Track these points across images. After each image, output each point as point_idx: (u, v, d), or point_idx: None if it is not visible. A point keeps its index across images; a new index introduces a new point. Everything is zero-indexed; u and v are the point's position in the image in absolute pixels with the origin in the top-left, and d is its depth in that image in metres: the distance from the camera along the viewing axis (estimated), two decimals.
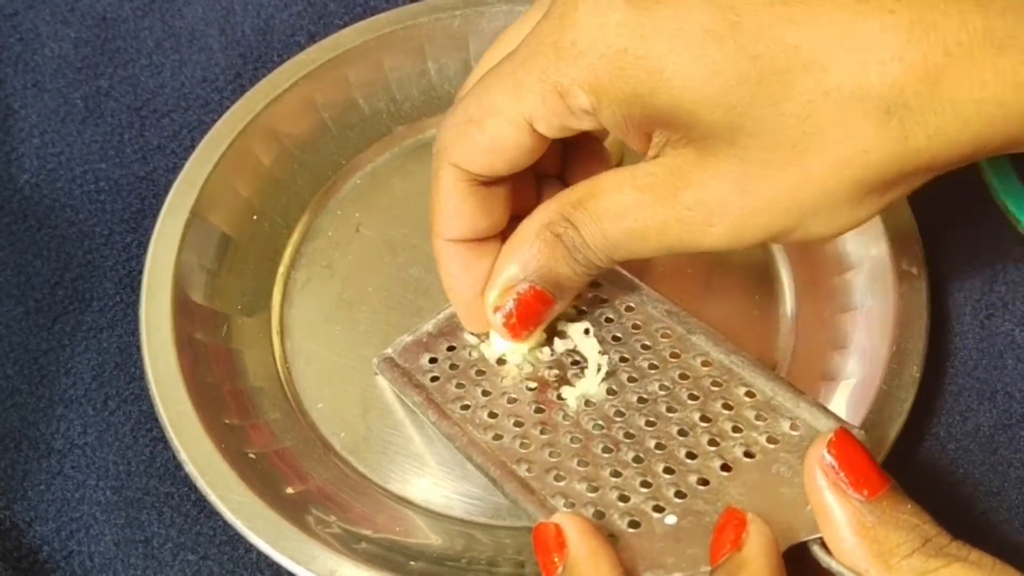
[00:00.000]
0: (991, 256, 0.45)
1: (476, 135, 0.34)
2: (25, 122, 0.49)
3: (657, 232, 0.33)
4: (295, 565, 0.36)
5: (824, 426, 0.34)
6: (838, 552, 0.30)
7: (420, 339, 0.40)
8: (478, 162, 0.34)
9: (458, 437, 0.37)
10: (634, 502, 0.34)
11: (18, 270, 0.45)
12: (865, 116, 0.28)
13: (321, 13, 0.52)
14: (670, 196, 0.32)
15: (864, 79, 0.28)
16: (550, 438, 0.36)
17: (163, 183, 0.46)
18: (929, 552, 0.29)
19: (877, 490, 0.30)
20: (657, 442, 0.35)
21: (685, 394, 0.37)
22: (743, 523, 0.30)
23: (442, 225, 0.36)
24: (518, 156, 0.34)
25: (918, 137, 0.28)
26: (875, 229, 0.43)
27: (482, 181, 0.35)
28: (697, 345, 0.38)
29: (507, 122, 0.33)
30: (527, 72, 0.32)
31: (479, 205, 0.36)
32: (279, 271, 0.45)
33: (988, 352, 0.43)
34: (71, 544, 0.39)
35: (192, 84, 0.50)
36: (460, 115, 0.34)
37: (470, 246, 0.37)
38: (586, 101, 0.31)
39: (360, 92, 0.48)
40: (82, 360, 0.43)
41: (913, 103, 0.28)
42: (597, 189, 0.34)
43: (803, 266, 0.45)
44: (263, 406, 0.41)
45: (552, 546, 0.32)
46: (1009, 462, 0.41)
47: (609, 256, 0.34)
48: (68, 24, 0.52)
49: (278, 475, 0.39)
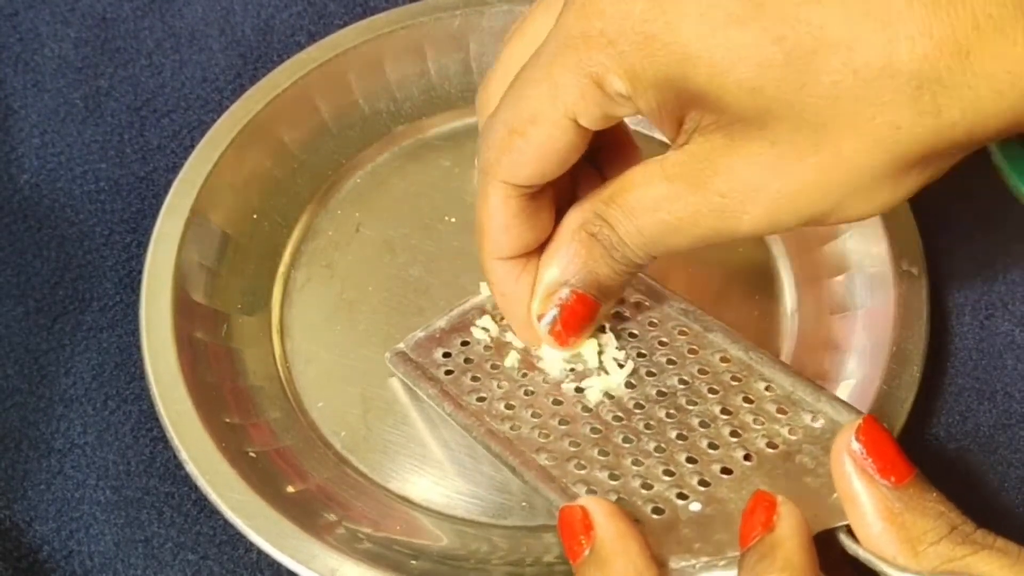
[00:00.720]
0: (991, 256, 0.45)
1: (522, 146, 0.33)
2: (25, 122, 0.49)
3: (691, 223, 0.32)
4: (296, 564, 0.36)
5: (846, 419, 0.34)
6: (865, 538, 0.30)
7: (433, 334, 0.40)
8: (528, 172, 0.33)
9: (475, 427, 0.37)
10: (657, 490, 0.34)
11: (18, 270, 0.45)
12: (896, 93, 0.28)
13: (321, 13, 0.52)
14: (702, 184, 0.31)
15: (893, 56, 0.27)
16: (569, 429, 0.36)
17: (163, 183, 0.46)
18: (956, 539, 0.29)
19: (904, 477, 0.30)
20: (678, 433, 0.35)
21: (705, 388, 0.37)
22: (774, 505, 0.30)
23: (493, 245, 0.36)
24: (568, 156, 0.33)
25: (952, 111, 0.28)
26: (875, 229, 0.43)
27: (530, 193, 0.34)
28: (714, 342, 0.38)
29: (551, 125, 0.32)
30: (562, 68, 0.32)
31: (528, 219, 0.35)
32: (279, 271, 0.45)
33: (988, 352, 0.43)
34: (71, 544, 0.39)
35: (192, 84, 0.50)
36: (500, 129, 0.33)
37: (519, 261, 0.36)
38: (623, 86, 0.31)
39: (360, 92, 0.48)
40: (82, 360, 0.43)
41: (945, 77, 0.27)
42: (628, 184, 0.33)
43: (803, 266, 0.45)
44: (263, 405, 0.41)
45: (579, 528, 0.32)
46: (1009, 462, 0.41)
47: (647, 251, 0.34)
48: (68, 24, 0.52)
49: (279, 474, 0.39)
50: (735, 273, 0.45)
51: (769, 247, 0.45)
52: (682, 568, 0.31)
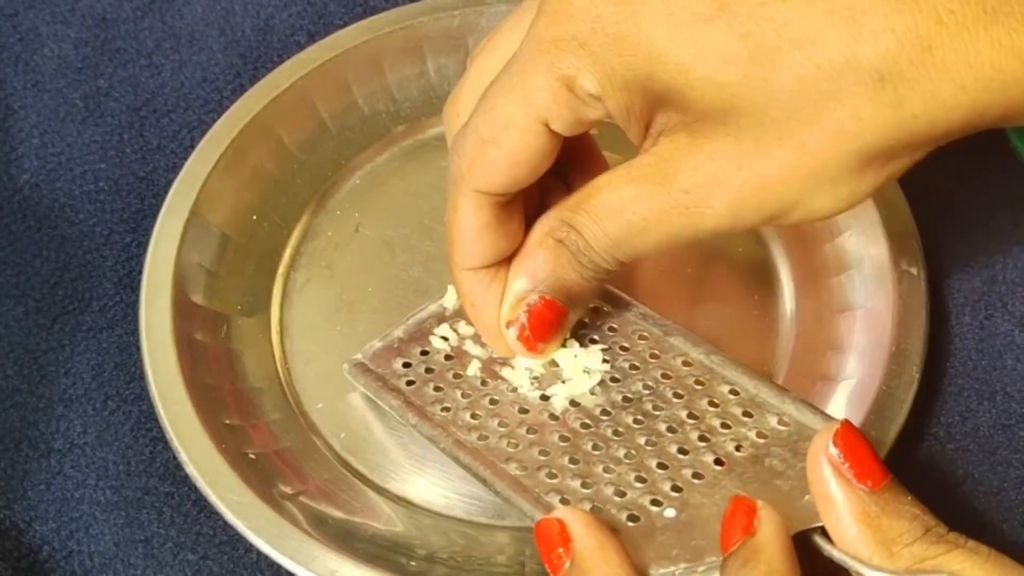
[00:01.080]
0: (991, 256, 0.45)
1: (494, 154, 0.33)
2: (25, 122, 0.49)
3: (656, 221, 0.32)
4: (295, 565, 0.36)
5: (811, 421, 0.35)
6: (841, 540, 0.30)
7: (391, 344, 0.40)
8: (500, 180, 0.34)
9: (442, 438, 0.37)
10: (631, 496, 0.34)
11: (18, 270, 0.45)
12: (859, 85, 0.28)
13: (321, 13, 0.52)
14: (666, 182, 0.32)
15: (856, 50, 0.28)
16: (537, 437, 0.36)
17: (163, 183, 0.46)
18: (930, 540, 0.29)
19: (880, 481, 0.30)
20: (647, 439, 0.35)
21: (670, 392, 0.37)
22: (753, 510, 0.31)
23: (463, 255, 0.36)
24: (539, 162, 0.34)
25: (914, 103, 0.28)
26: (875, 229, 0.43)
27: (502, 201, 0.35)
28: (675, 346, 0.38)
29: (523, 131, 0.33)
30: (533, 73, 0.32)
31: (498, 229, 0.35)
32: (279, 271, 0.45)
33: (988, 352, 0.43)
34: (71, 544, 0.39)
35: (192, 84, 0.50)
36: (472, 138, 0.34)
37: (489, 271, 0.36)
38: (594, 87, 0.31)
39: (359, 92, 0.48)
40: (82, 360, 0.43)
41: (907, 71, 0.28)
42: (594, 189, 0.34)
43: (803, 266, 0.45)
44: (263, 406, 0.41)
45: (556, 541, 0.32)
46: (1009, 462, 0.41)
47: (613, 255, 0.34)
48: (68, 24, 0.52)
49: (278, 475, 0.39)
50: (735, 273, 0.45)
51: (769, 247, 0.45)
52: (662, 575, 0.32)
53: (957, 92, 0.28)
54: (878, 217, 0.43)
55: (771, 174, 0.30)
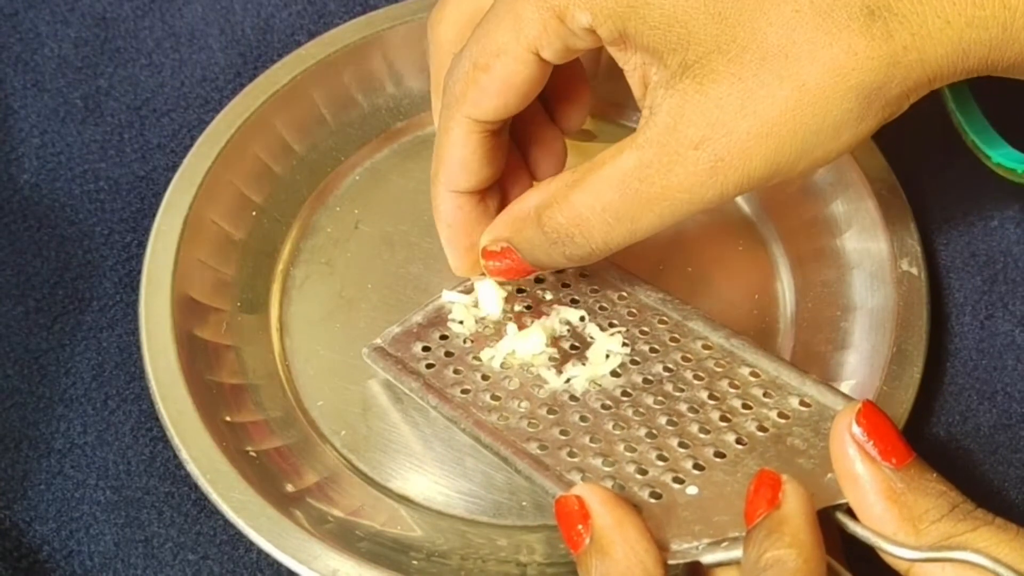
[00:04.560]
0: (991, 256, 0.45)
1: (485, 79, 0.34)
2: (25, 122, 0.49)
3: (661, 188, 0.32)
4: (296, 564, 0.36)
5: (832, 402, 0.35)
6: (866, 518, 0.30)
7: (410, 329, 0.40)
8: (492, 105, 0.35)
9: (462, 419, 0.37)
10: (653, 474, 0.34)
11: (18, 270, 0.45)
12: (850, 19, 0.30)
13: (321, 12, 0.52)
14: (674, 140, 0.32)
15: None
16: (558, 418, 0.36)
17: (163, 182, 0.46)
18: (957, 517, 0.30)
19: (905, 459, 0.31)
20: (668, 419, 0.36)
21: (690, 375, 0.37)
22: (779, 483, 0.31)
23: (449, 177, 0.37)
24: (529, 89, 0.35)
25: (903, 35, 0.30)
26: (875, 229, 0.43)
27: (491, 129, 0.36)
28: (695, 330, 0.38)
29: (514, 59, 0.34)
30: (524, 4, 0.33)
31: (485, 157, 0.37)
32: (278, 268, 0.45)
33: (988, 352, 0.43)
34: (71, 544, 0.39)
35: (192, 83, 0.50)
36: (466, 64, 0.35)
37: (470, 197, 0.38)
38: (584, 18, 0.32)
39: (359, 88, 0.48)
40: (82, 360, 0.43)
41: (895, 5, 0.29)
42: (598, 162, 0.34)
43: (803, 266, 0.45)
44: (263, 404, 0.41)
45: (576, 518, 0.32)
46: (1009, 462, 0.41)
47: (605, 241, 0.34)
48: (68, 24, 0.52)
49: (279, 473, 0.39)
50: (735, 273, 0.45)
51: (769, 246, 0.45)
52: (684, 550, 0.32)
53: (943, 26, 0.29)
54: (879, 217, 0.43)
55: (777, 120, 0.31)
